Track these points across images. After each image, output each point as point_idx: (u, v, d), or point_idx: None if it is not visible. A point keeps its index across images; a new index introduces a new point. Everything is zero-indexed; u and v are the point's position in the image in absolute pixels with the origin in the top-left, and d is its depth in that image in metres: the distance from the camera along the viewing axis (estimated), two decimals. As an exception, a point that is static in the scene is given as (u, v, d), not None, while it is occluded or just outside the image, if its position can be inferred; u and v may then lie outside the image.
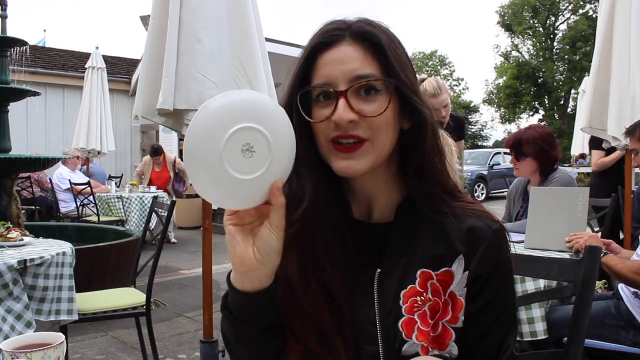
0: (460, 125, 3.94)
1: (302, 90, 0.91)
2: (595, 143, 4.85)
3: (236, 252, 0.83)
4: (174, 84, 2.73)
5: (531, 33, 36.36)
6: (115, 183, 9.33)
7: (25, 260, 2.50)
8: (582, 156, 10.73)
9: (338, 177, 0.94)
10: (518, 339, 2.32)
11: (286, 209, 0.85)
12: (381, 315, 0.92)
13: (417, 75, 0.99)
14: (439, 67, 43.51)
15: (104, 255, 4.48)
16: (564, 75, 34.57)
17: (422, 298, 0.91)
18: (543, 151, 3.12)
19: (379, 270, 0.94)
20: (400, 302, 0.92)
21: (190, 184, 10.51)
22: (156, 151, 9.26)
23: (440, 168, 0.95)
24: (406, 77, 0.90)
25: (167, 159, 9.24)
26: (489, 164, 18.43)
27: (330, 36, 0.90)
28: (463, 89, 43.91)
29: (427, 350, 0.89)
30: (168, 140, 11.68)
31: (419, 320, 0.90)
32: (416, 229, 0.94)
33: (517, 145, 3.17)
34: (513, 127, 38.16)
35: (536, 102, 36.96)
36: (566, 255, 2.43)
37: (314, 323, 0.91)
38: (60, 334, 0.99)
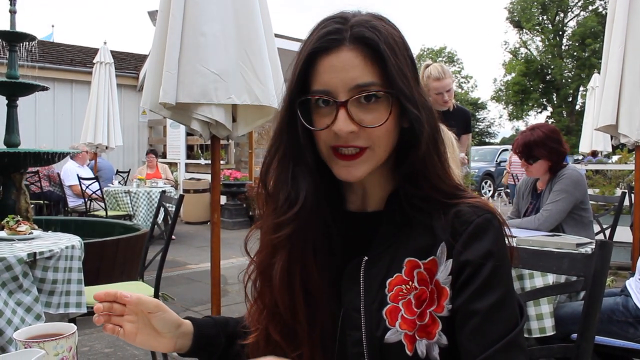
0: (466, 118, 3.96)
1: (301, 98, 0.91)
2: None
3: (155, 347, 0.98)
4: (176, 78, 2.75)
5: (540, 30, 36.17)
6: (119, 182, 9.43)
7: (34, 253, 2.51)
8: (594, 154, 10.65)
9: None
10: (526, 335, 2.32)
11: (278, 209, 0.95)
12: (365, 302, 0.93)
13: (421, 63, 0.99)
14: (447, 64, 43.33)
15: (113, 249, 4.50)
16: (572, 72, 34.34)
17: (408, 286, 0.91)
18: (554, 150, 3.10)
19: (365, 258, 0.95)
20: (386, 290, 0.92)
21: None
22: (148, 152, 9.61)
23: (438, 172, 0.94)
24: (405, 84, 0.88)
25: (159, 166, 9.60)
26: (496, 161, 18.42)
27: (329, 40, 0.88)
28: (471, 86, 43.72)
29: (412, 339, 0.89)
30: (175, 136, 11.70)
31: (403, 308, 0.91)
32: (406, 220, 0.94)
33: (527, 149, 3.14)
34: (521, 124, 38.03)
35: (544, 99, 36.76)
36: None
37: (286, 323, 0.96)
38: (72, 324, 1.00)
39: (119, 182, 9.58)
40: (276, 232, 0.95)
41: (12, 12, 4.25)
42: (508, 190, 13.77)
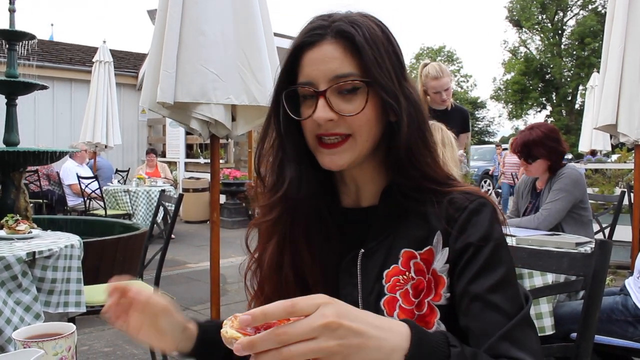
0: (464, 117, 3.96)
1: (286, 90, 0.95)
2: None
3: (156, 346, 0.96)
4: (175, 77, 2.75)
5: (539, 29, 36.15)
6: (118, 181, 9.43)
7: (34, 252, 2.51)
8: (593, 153, 10.65)
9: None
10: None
11: (266, 194, 1.00)
12: (363, 294, 0.96)
13: (420, 62, 1.00)
14: (447, 63, 43.30)
15: (112, 248, 4.50)
16: (571, 72, 34.31)
17: (405, 277, 0.93)
18: (552, 149, 3.10)
19: (362, 251, 0.98)
20: (383, 281, 0.95)
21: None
22: (148, 151, 9.64)
23: (427, 160, 0.96)
24: (381, 75, 0.91)
25: (159, 165, 9.62)
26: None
27: (313, 35, 0.93)
28: (471, 85, 43.71)
29: None
30: (175, 135, 11.68)
31: (400, 298, 0.92)
32: (401, 212, 0.97)
33: (525, 149, 3.14)
34: (520, 123, 38.03)
35: (544, 98, 36.73)
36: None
37: None
38: (71, 324, 1.00)
39: (118, 181, 9.58)
40: (266, 215, 1.02)
41: (12, 11, 4.25)
42: (500, 190, 13.69)
